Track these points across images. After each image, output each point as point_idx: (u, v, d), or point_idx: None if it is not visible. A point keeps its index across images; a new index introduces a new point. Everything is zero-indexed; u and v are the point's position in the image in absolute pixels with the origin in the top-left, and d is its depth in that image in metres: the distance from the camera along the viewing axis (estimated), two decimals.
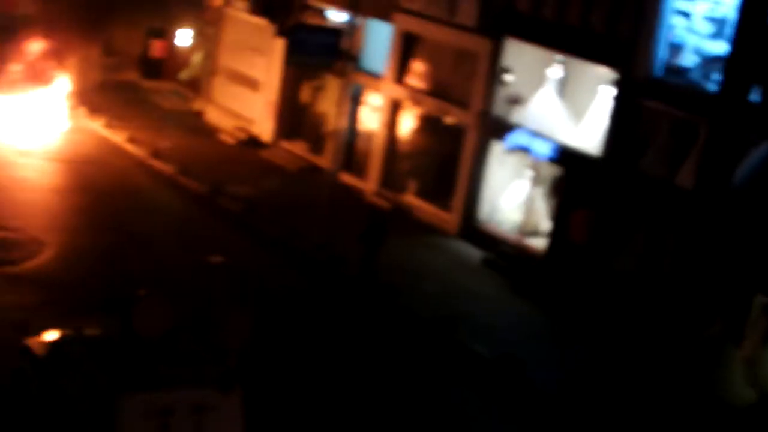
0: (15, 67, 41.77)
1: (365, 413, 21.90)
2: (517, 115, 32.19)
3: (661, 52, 28.04)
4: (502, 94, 32.54)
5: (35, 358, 18.56)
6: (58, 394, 17.54)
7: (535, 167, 31.79)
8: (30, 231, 29.09)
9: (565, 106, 31.70)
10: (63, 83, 42.05)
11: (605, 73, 29.65)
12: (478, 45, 32.83)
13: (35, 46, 42.48)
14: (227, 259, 28.80)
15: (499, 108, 32.56)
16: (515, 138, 31.28)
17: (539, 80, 31.98)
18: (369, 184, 36.79)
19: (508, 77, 32.26)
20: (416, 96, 35.25)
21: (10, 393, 19.11)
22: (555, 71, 31.69)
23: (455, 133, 34.01)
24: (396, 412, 22.10)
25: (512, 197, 32.77)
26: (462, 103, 33.65)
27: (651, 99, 28.08)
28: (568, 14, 30.19)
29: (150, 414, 16.03)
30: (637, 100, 28.32)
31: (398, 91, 35.97)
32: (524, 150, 31.27)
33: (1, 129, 38.61)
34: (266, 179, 37.45)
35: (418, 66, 35.84)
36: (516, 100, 32.41)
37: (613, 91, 29.07)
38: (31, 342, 19.02)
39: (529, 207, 32.05)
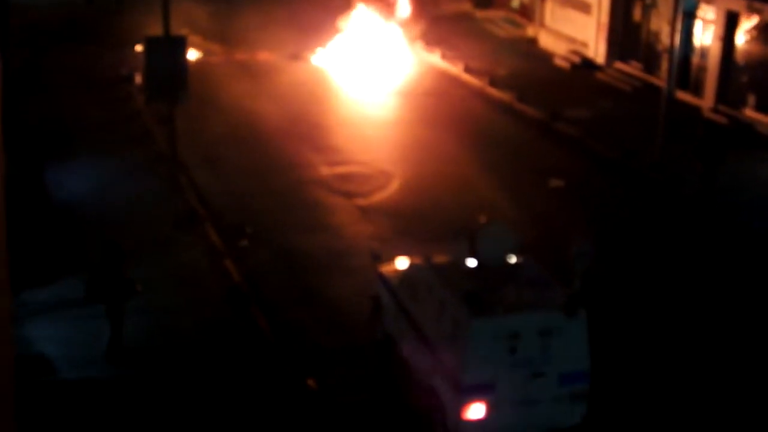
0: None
1: (710, 338, 21.88)
2: None
3: None
4: None
5: (389, 285, 19.80)
6: (411, 319, 18.64)
7: None
8: (378, 164, 30.60)
9: None
10: (402, 18, 43.51)
11: None
12: None
13: None
14: (567, 182, 29.51)
15: None
16: None
17: None
18: (706, 101, 36.10)
19: None
20: (753, 5, 34.12)
21: (369, 318, 20.55)
22: None
23: None
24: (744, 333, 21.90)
25: None
26: None
27: None
28: None
29: (498, 336, 16.73)
30: None
31: (733, 2, 34.93)
32: None
33: (345, 68, 40.54)
34: (602, 101, 37.48)
35: None
36: None
37: None
38: (385, 270, 20.31)
39: None
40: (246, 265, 23.59)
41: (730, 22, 35.24)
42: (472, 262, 18.10)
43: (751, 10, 34.17)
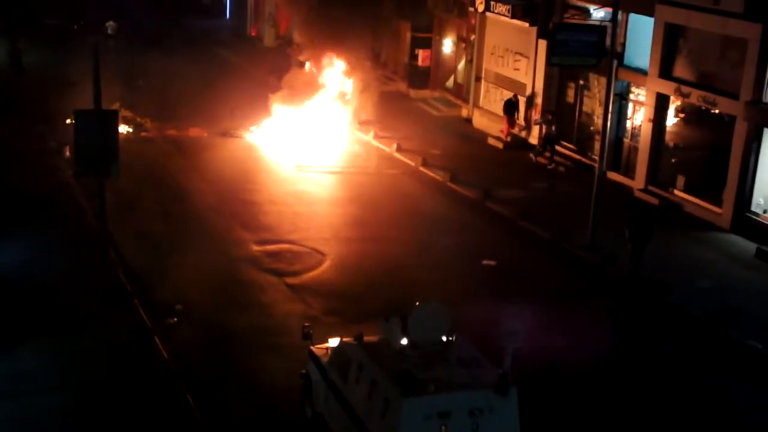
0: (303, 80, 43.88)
1: (639, 410, 21.80)
2: None
3: None
4: None
5: (320, 364, 19.57)
6: (342, 398, 18.40)
7: None
8: (309, 243, 30.41)
9: None
10: (338, 96, 43.66)
11: None
12: (747, 31, 31.94)
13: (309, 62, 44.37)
14: (499, 262, 29.53)
15: None
16: None
17: None
18: (637, 182, 36.50)
19: None
20: (682, 89, 34.68)
21: (299, 397, 20.25)
22: None
23: (724, 124, 33.29)
24: (670, 407, 21.90)
25: None
26: (731, 93, 32.88)
27: None
28: None
29: (430, 416, 16.54)
30: None
31: (664, 85, 35.50)
32: None
33: (277, 145, 40.49)
34: (535, 181, 37.71)
35: (683, 58, 35.28)
36: None
37: None
38: (317, 349, 20.09)
39: None
40: (174, 343, 23.21)
41: (661, 105, 35.78)
42: (404, 342, 17.93)
43: (680, 93, 34.70)
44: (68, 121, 35.42)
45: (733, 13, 32.20)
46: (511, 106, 42.94)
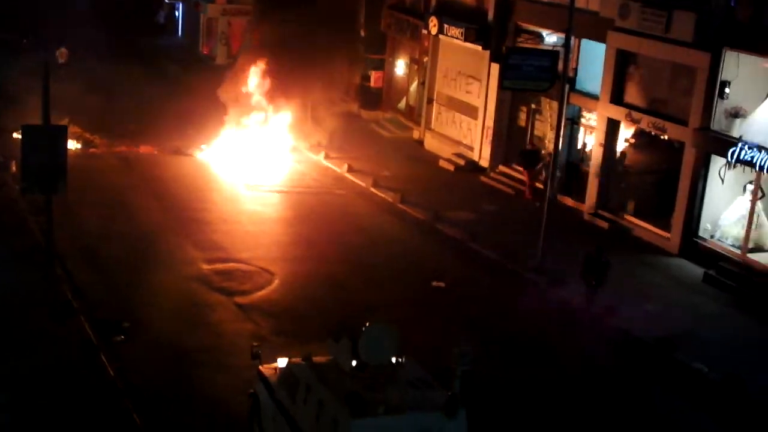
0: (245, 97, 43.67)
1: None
2: (738, 129, 31.54)
3: None
4: (721, 108, 31.94)
5: (268, 384, 19.45)
6: (290, 419, 18.29)
7: (758, 181, 31.04)
8: (258, 262, 30.27)
9: None
10: (285, 117, 43.55)
11: None
12: (696, 59, 32.29)
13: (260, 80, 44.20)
14: (449, 283, 29.55)
15: (719, 122, 31.98)
16: (737, 152, 30.57)
17: (762, 91, 31.16)
18: (587, 205, 36.70)
19: (728, 90, 31.63)
20: (633, 114, 34.96)
21: (247, 417, 20.10)
22: None
23: (674, 150, 33.59)
24: (618, 428, 22.06)
25: (734, 213, 32.08)
26: (680, 119, 33.19)
27: None
28: None
29: None
30: None
31: (614, 111, 35.77)
32: (747, 164, 30.54)
33: (228, 164, 40.33)
34: (485, 204, 37.81)
35: (633, 84, 35.58)
36: (737, 114, 31.75)
37: None
38: (265, 369, 19.97)
39: (751, 222, 31.32)
40: (121, 360, 22.98)
41: (611, 130, 36.03)
42: (353, 363, 17.86)
43: (631, 119, 34.98)
44: (15, 135, 35.09)
45: (683, 42, 32.51)
46: (530, 157, 39.34)
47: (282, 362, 19.60)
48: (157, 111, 47.00)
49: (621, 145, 36.17)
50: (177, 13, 74.83)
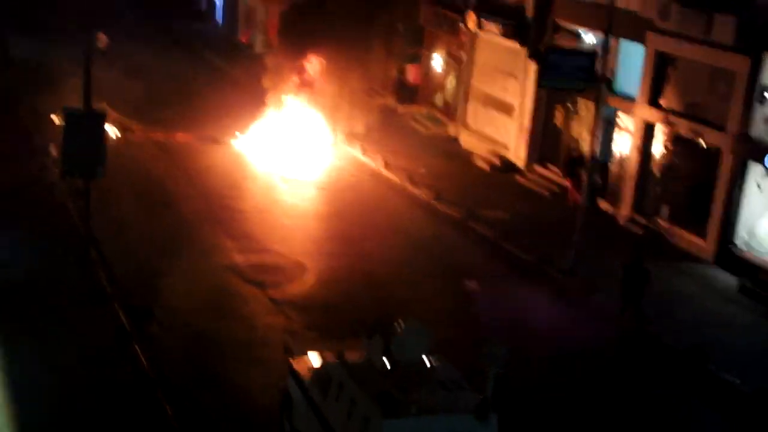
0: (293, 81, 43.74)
1: None
2: None
3: None
4: (761, 113, 31.73)
5: (300, 380, 19.47)
6: (321, 416, 18.32)
7: None
8: (293, 255, 30.34)
9: None
10: (323, 109, 43.59)
11: None
12: (736, 63, 32.06)
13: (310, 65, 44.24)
14: (482, 284, 29.50)
15: (758, 129, 31.76)
16: None
17: None
18: (622, 209, 36.54)
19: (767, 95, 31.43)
20: (670, 118, 34.79)
21: (278, 411, 20.16)
22: None
23: (711, 156, 33.36)
24: None
25: None
26: (718, 125, 32.99)
27: None
28: None
29: None
30: None
31: (651, 114, 35.60)
32: None
33: (264, 155, 40.41)
34: (519, 204, 37.73)
35: (671, 87, 35.39)
36: None
37: None
38: (297, 364, 19.98)
39: None
40: (153, 349, 23.09)
41: (648, 133, 35.86)
42: (385, 361, 17.88)
43: (667, 123, 34.81)
44: (55, 118, 35.33)
45: (723, 45, 32.29)
46: (577, 165, 38.00)
47: (313, 356, 19.63)
48: (195, 98, 47.21)
49: (658, 149, 35.99)
50: (217, 0, 75.02)
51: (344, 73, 43.76)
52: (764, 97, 31.44)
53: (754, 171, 31.98)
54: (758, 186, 31.91)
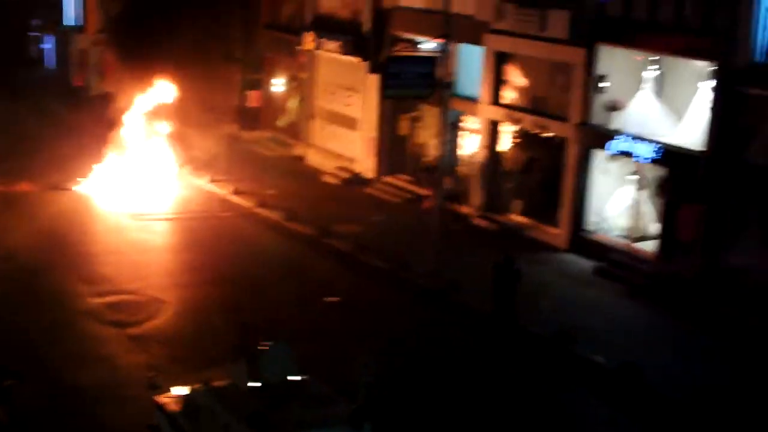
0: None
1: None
2: (616, 121, 31.97)
3: (761, 37, 27.44)
4: (599, 102, 32.35)
5: (169, 413, 18.98)
6: None
7: (638, 171, 31.49)
8: (149, 291, 29.69)
9: (664, 105, 31.37)
10: (167, 144, 42.99)
11: (702, 66, 29.25)
12: (572, 55, 32.69)
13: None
14: (343, 297, 29.32)
15: (597, 116, 32.38)
16: (617, 144, 31.01)
17: (636, 83, 31.71)
18: (475, 209, 36.79)
19: (604, 84, 32.06)
20: (513, 114, 35.22)
21: None
22: (651, 72, 31.35)
23: (556, 147, 33.90)
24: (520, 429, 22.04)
25: (618, 204, 32.50)
26: (561, 116, 33.52)
27: (754, 86, 27.54)
28: (661, 13, 29.86)
29: None
30: (738, 89, 27.82)
31: (496, 112, 36.01)
32: (627, 155, 30.99)
33: (110, 195, 39.59)
34: (372, 215, 37.69)
35: (512, 84, 35.83)
36: (614, 107, 32.20)
37: (712, 84, 28.59)
38: (164, 398, 19.49)
39: (635, 212, 31.76)
40: (14, 405, 22.21)
41: (493, 131, 36.22)
42: (252, 383, 17.55)
43: (512, 119, 35.21)
44: None
45: (558, 39, 32.86)
46: (430, 172, 37.56)
47: (179, 390, 19.17)
48: (34, 146, 45.98)
49: (505, 146, 36.37)
50: (47, 46, 73.90)
51: (186, 104, 43.29)
52: (601, 86, 32.12)
53: (598, 157, 32.57)
54: (602, 171, 32.53)
